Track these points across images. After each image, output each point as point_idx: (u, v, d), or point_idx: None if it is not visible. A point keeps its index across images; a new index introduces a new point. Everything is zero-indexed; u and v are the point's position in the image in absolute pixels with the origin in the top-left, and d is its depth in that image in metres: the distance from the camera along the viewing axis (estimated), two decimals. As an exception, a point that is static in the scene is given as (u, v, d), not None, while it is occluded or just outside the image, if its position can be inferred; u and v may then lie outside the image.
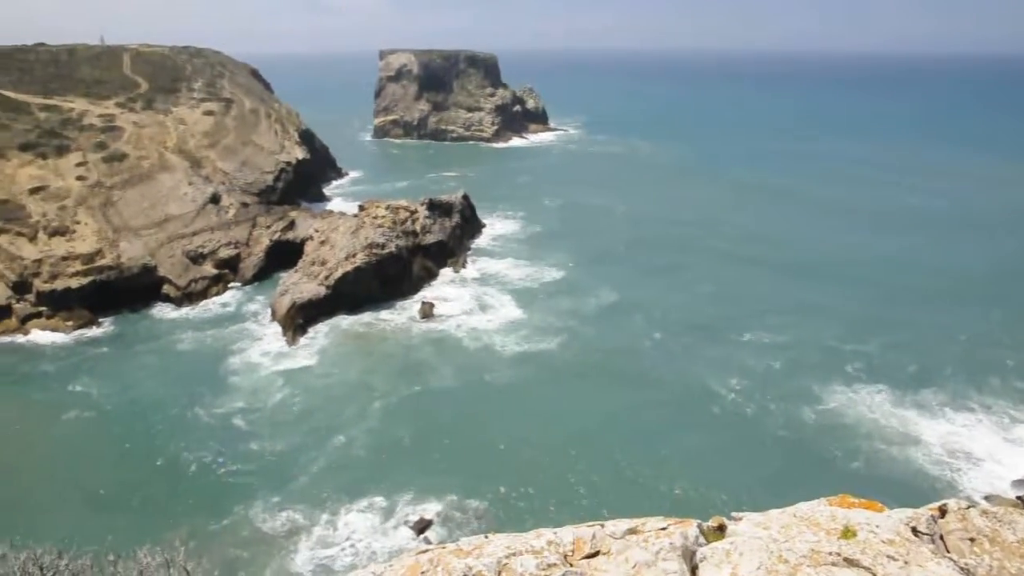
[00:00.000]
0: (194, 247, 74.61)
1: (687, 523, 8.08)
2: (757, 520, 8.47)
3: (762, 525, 8.02)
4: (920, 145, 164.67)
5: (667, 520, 8.11)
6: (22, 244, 68.67)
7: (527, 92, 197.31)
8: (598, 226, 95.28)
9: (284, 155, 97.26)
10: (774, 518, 8.52)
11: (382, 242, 68.91)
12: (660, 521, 7.97)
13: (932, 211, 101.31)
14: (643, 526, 7.82)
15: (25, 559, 8.88)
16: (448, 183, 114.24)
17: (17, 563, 8.83)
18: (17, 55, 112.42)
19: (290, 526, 37.48)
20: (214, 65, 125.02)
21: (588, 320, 64.34)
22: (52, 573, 8.82)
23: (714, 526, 8.43)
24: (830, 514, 8.03)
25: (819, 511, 8.21)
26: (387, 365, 56.35)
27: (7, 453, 44.93)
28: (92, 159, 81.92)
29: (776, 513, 8.73)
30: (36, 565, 8.79)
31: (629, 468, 42.01)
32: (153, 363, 57.96)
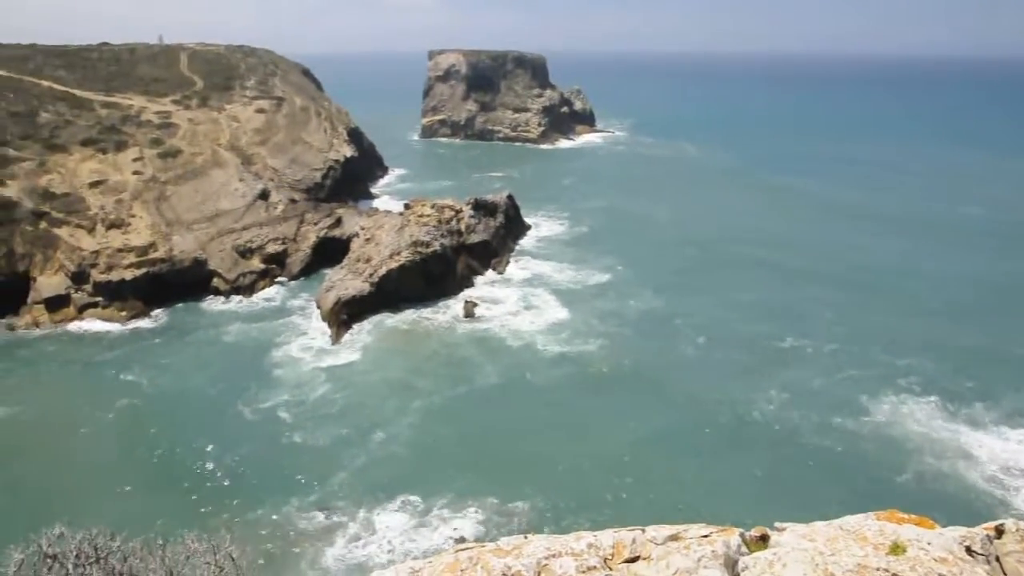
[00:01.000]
0: (243, 242, 76.14)
1: (730, 531, 7.92)
2: (801, 532, 8.28)
3: (807, 537, 7.83)
4: (982, 152, 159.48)
5: (709, 527, 7.95)
6: (81, 236, 70.90)
7: (575, 93, 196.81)
8: (643, 230, 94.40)
9: (332, 153, 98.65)
10: (819, 530, 8.31)
11: (427, 241, 69.37)
12: (702, 528, 7.83)
13: (990, 222, 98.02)
14: (685, 532, 7.69)
15: (81, 539, 9.17)
16: (493, 183, 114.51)
17: (73, 542, 9.13)
18: (83, 54, 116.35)
19: (327, 521, 37.87)
20: (267, 64, 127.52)
21: (632, 324, 63.80)
22: (106, 554, 9.09)
23: (757, 536, 8.26)
24: (878, 529, 7.80)
25: (867, 525, 7.98)
26: (429, 363, 56.67)
27: (60, 437, 46.41)
28: (148, 155, 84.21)
29: (821, 525, 8.51)
30: (91, 545, 9.08)
31: (667, 474, 41.48)
32: (201, 355, 59.29)
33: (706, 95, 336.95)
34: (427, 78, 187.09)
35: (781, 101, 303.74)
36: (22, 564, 8.80)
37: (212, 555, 9.21)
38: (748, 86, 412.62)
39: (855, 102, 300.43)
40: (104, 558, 8.96)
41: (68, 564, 8.78)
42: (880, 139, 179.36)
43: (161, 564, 9.02)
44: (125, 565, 9.01)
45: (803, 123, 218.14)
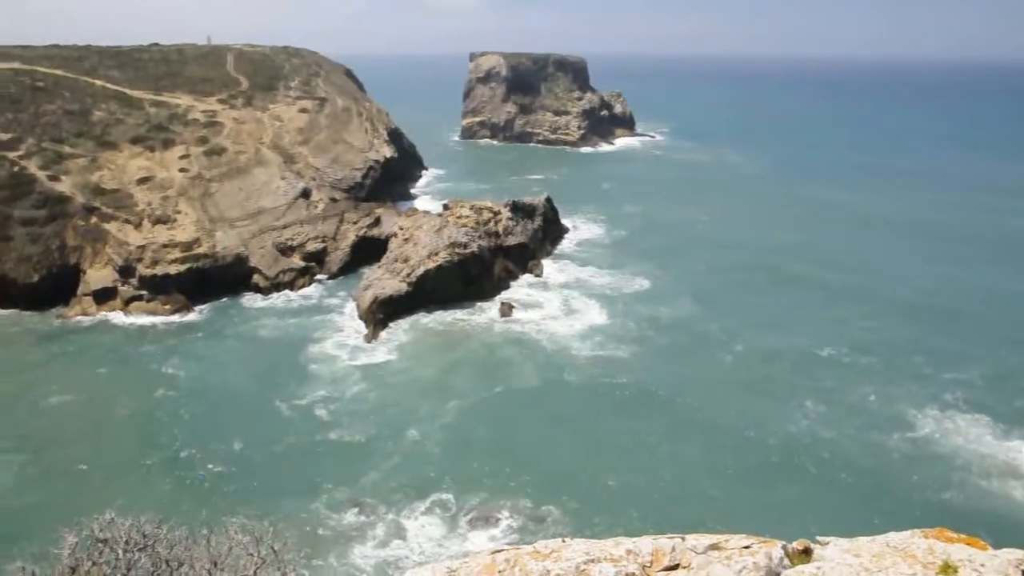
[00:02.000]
0: (284, 239, 77.23)
1: (772, 543, 7.73)
2: (845, 546, 8.07)
3: (852, 552, 7.61)
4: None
5: (751, 538, 7.77)
6: (128, 231, 72.61)
7: (615, 97, 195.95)
8: (681, 237, 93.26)
9: (373, 153, 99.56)
10: (864, 546, 8.08)
11: (465, 242, 69.57)
12: (744, 539, 7.64)
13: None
14: (726, 543, 7.52)
15: (130, 526, 9.39)
16: (532, 186, 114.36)
17: (123, 529, 9.33)
18: (134, 54, 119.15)
19: (359, 519, 38.09)
20: (310, 65, 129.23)
21: (668, 331, 63.16)
22: (153, 541, 9.28)
23: (799, 549, 8.06)
24: (927, 547, 7.53)
25: (914, 543, 7.72)
26: (464, 364, 56.80)
27: (104, 425, 47.55)
28: (194, 152, 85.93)
29: (865, 541, 8.28)
30: (139, 532, 9.27)
31: (699, 483, 40.92)
32: (239, 350, 60.28)
33: (747, 100, 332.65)
34: (467, 80, 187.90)
35: (823, 107, 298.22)
36: (75, 547, 9.03)
37: (255, 546, 9.31)
38: (790, 91, 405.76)
39: (899, 109, 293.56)
40: (151, 545, 9.15)
41: (118, 549, 8.99)
42: (924, 148, 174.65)
43: (205, 554, 9.15)
44: (171, 553, 9.19)
45: (845, 130, 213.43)
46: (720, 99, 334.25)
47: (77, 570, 8.54)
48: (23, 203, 72.52)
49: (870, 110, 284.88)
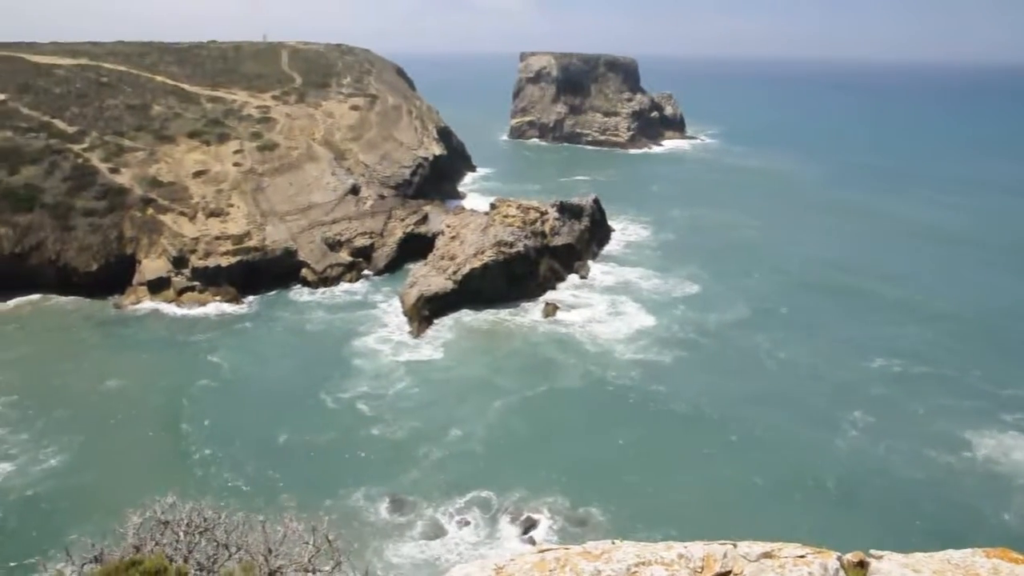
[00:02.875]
0: (332, 235, 78.31)
1: (827, 554, 7.51)
2: (902, 561, 7.81)
3: (910, 567, 7.35)
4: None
5: (805, 548, 7.55)
6: (183, 223, 74.45)
7: (665, 98, 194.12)
8: (731, 242, 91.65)
9: (422, 151, 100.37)
10: (923, 561, 7.81)
11: (511, 241, 69.60)
12: (798, 548, 7.43)
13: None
14: (779, 551, 7.31)
15: (190, 509, 9.61)
16: (579, 187, 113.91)
17: (184, 511, 9.56)
18: (193, 51, 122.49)
19: (397, 514, 38.25)
20: (362, 62, 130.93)
21: (714, 336, 62.16)
22: (212, 525, 9.48)
23: (854, 561, 7.82)
24: (992, 567, 7.24)
25: (977, 562, 7.43)
26: (508, 363, 56.80)
27: (151, 411, 48.83)
28: (248, 147, 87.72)
29: (923, 557, 7.99)
30: (200, 516, 9.48)
31: (745, 492, 40.16)
32: (285, 342, 61.29)
33: (799, 103, 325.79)
34: (517, 79, 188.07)
35: (876, 111, 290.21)
36: (139, 527, 9.28)
37: (310, 535, 9.44)
38: (842, 94, 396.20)
39: (956, 114, 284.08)
40: (210, 529, 9.33)
41: (180, 531, 9.21)
42: (980, 156, 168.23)
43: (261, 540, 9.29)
44: (229, 537, 9.35)
45: (897, 135, 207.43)
46: (772, 102, 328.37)
47: (141, 549, 8.75)
48: (86, 194, 74.97)
49: (925, 115, 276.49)
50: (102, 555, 8.63)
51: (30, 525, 37.33)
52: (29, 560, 34.57)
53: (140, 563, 7.29)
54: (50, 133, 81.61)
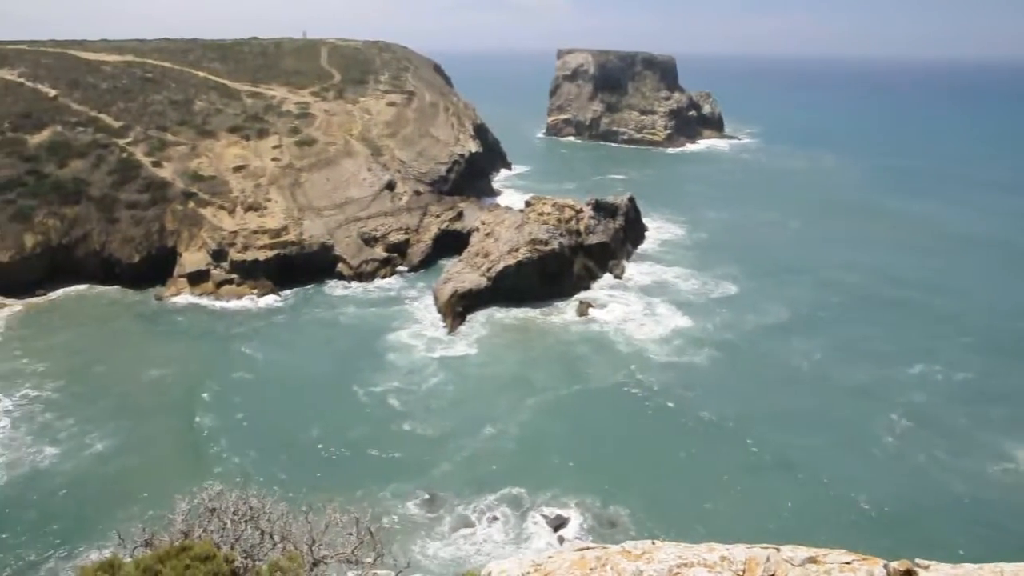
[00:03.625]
0: (368, 230, 78.89)
1: (873, 561, 7.32)
2: (950, 572, 7.61)
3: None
4: None
5: (851, 554, 7.37)
6: (223, 217, 75.63)
7: (704, 97, 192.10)
8: (770, 244, 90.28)
9: (458, 147, 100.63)
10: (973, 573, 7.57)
11: (545, 239, 69.45)
12: (844, 554, 7.25)
13: None
14: (824, 557, 7.14)
15: (237, 498, 9.74)
16: (615, 185, 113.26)
17: (230, 499, 9.70)
18: (235, 47, 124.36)
19: (428, 510, 38.31)
20: (400, 59, 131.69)
21: (749, 338, 61.32)
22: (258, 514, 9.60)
23: (901, 569, 7.63)
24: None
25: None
26: (540, 361, 56.67)
27: (189, 401, 49.71)
28: (286, 143, 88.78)
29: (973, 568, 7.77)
30: (247, 505, 9.60)
31: (779, 500, 39.51)
32: (320, 335, 61.91)
33: (842, 102, 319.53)
34: (554, 77, 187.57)
35: (921, 111, 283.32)
36: (188, 514, 9.44)
37: (354, 527, 9.49)
38: (886, 94, 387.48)
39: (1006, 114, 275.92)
40: (256, 518, 9.43)
41: (227, 519, 9.32)
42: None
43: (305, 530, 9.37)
44: (273, 527, 9.44)
45: (943, 136, 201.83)
46: (812, 101, 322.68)
47: (189, 535, 8.88)
48: (129, 187, 76.56)
49: (968, 115, 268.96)
50: (152, 540, 8.78)
51: (77, 507, 38.35)
52: (77, 539, 35.57)
53: (190, 548, 7.39)
54: (97, 128, 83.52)
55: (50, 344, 58.76)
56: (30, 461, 42.65)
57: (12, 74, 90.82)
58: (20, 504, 38.85)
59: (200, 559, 7.06)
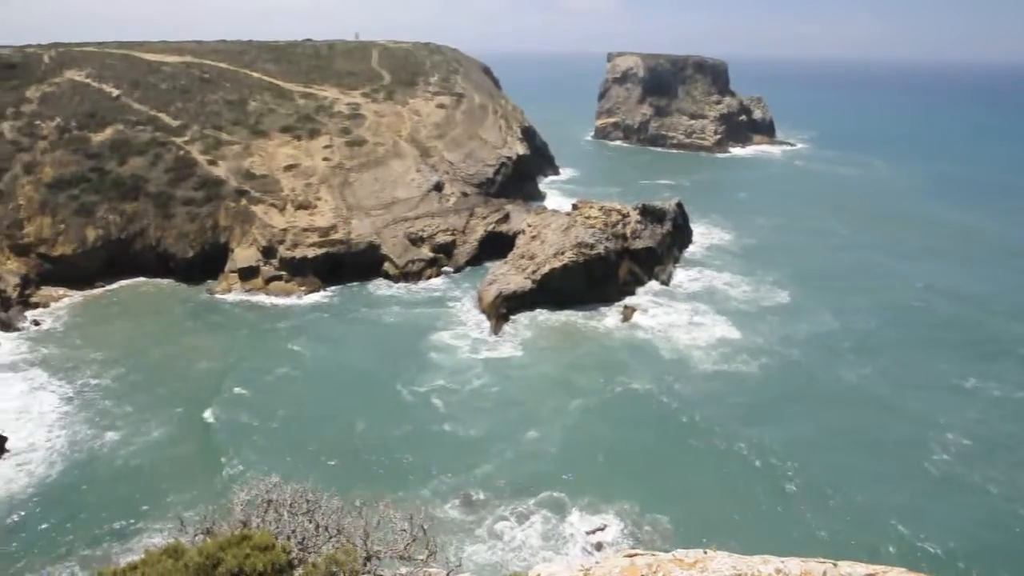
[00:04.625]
0: (415, 230, 79.57)
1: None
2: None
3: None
4: None
5: (912, 573, 7.13)
6: (273, 214, 77.09)
7: (755, 101, 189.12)
8: (820, 251, 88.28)
9: (506, 150, 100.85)
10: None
11: (591, 243, 69.15)
12: (904, 573, 7.03)
13: None
14: (884, 574, 6.93)
15: (294, 491, 9.93)
16: (663, 190, 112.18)
17: (288, 492, 9.89)
18: (288, 49, 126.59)
19: (467, 511, 38.38)
20: (450, 61, 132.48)
21: (799, 347, 60.03)
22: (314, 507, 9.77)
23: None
24: None
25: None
26: (584, 366, 56.41)
27: (231, 394, 50.86)
28: (337, 143, 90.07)
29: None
30: (304, 498, 9.78)
31: (829, 520, 38.55)
32: (364, 333, 62.67)
33: (899, 107, 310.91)
34: (604, 80, 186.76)
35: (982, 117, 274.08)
36: (246, 504, 9.63)
37: (407, 523, 9.57)
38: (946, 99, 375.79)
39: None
40: (312, 511, 9.59)
41: (284, 511, 9.49)
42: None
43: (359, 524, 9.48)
44: (328, 520, 9.57)
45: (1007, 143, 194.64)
46: (867, 106, 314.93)
47: (247, 524, 9.06)
48: (185, 185, 78.61)
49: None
50: (213, 527, 8.99)
51: (134, 491, 39.61)
52: (133, 522, 36.73)
53: (250, 538, 7.56)
54: (156, 126, 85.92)
55: (109, 334, 60.80)
56: (89, 446, 44.19)
57: (80, 75, 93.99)
58: (80, 486, 40.33)
59: (259, 549, 7.21)
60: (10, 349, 57.79)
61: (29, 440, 44.50)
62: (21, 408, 48.42)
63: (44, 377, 53.16)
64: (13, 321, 62.03)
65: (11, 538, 35.93)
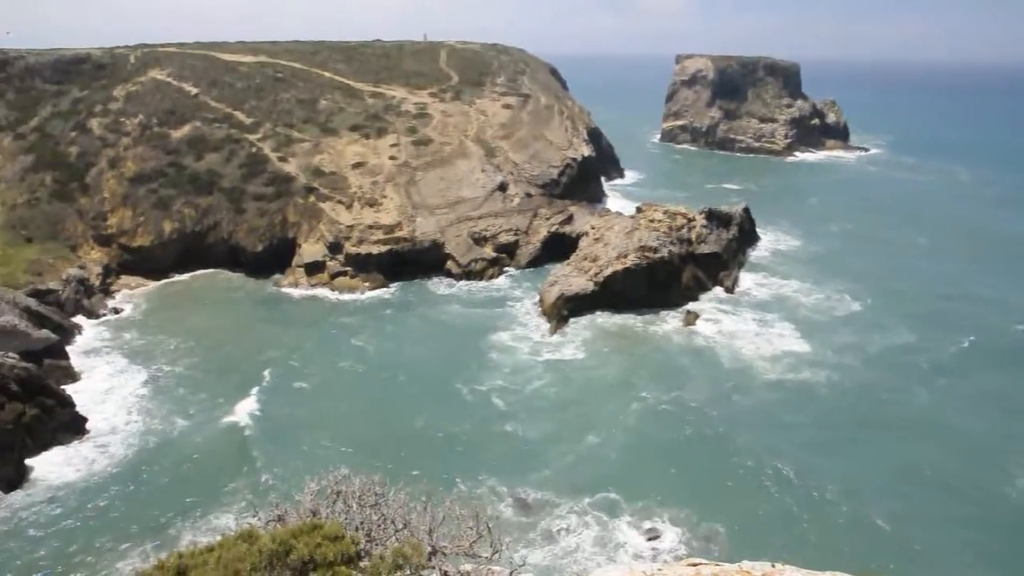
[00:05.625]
0: (478, 230, 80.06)
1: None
2: None
3: None
4: None
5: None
6: (340, 211, 78.68)
7: (828, 105, 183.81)
8: (895, 262, 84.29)
9: (571, 151, 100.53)
10: None
11: (655, 246, 68.32)
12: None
13: None
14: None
15: (363, 483, 10.08)
16: (730, 195, 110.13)
17: (357, 483, 10.05)
18: (359, 49, 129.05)
19: (522, 513, 38.22)
20: (517, 62, 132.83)
21: (871, 361, 57.67)
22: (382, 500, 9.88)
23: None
24: None
25: None
26: (644, 370, 55.72)
27: (298, 387, 52.09)
28: (403, 142, 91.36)
29: None
30: (372, 491, 9.92)
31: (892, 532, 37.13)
32: (426, 330, 63.32)
33: (986, 113, 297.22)
34: (672, 82, 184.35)
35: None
36: (316, 495, 9.81)
37: (474, 520, 9.59)
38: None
39: None
40: (380, 504, 9.69)
41: (352, 503, 9.62)
42: None
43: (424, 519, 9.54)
44: (397, 513, 9.67)
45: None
46: (948, 109, 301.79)
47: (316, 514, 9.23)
48: (256, 181, 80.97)
49: None
50: (285, 515, 9.20)
51: (205, 476, 41.08)
52: (204, 505, 38.12)
53: (321, 527, 7.70)
54: (231, 124, 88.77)
55: (183, 323, 63.21)
56: (162, 430, 45.96)
57: (162, 74, 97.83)
58: (153, 468, 41.99)
59: (330, 539, 7.33)
60: (93, 335, 60.64)
61: (110, 423, 46.65)
62: (105, 391, 50.93)
63: (124, 362, 55.62)
64: (95, 308, 64.97)
65: (92, 517, 37.66)
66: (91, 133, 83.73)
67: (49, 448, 43.21)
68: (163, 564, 7.33)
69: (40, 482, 40.51)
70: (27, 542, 35.66)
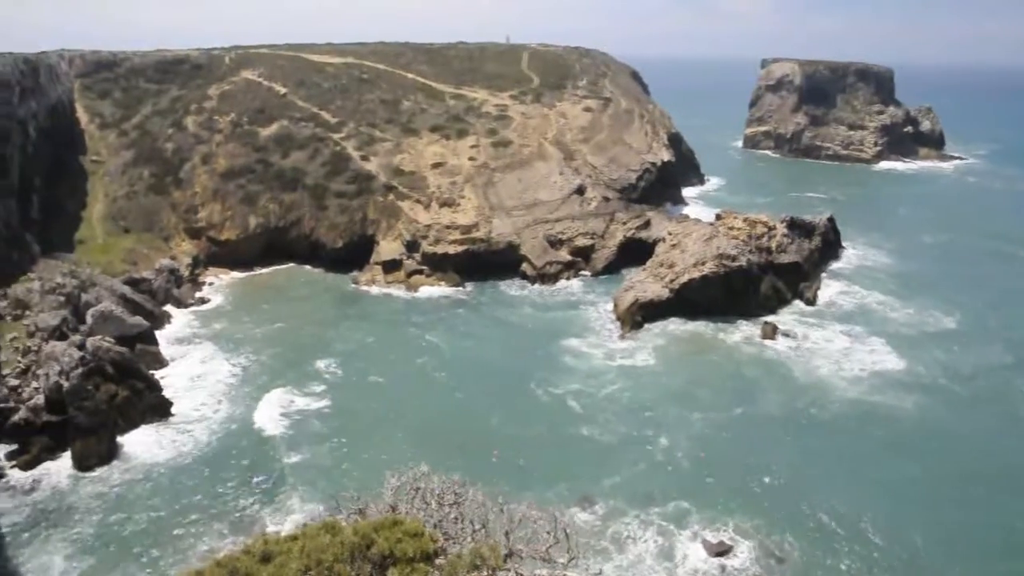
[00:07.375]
0: (554, 232, 79.98)
1: None
2: None
3: None
4: None
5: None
6: (419, 211, 79.92)
7: (923, 112, 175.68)
8: (994, 277, 79.93)
9: (650, 156, 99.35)
10: None
11: (734, 255, 66.76)
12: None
13: None
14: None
15: (442, 482, 10.20)
16: (814, 204, 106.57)
17: (436, 482, 10.18)
18: (442, 51, 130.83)
19: (590, 518, 37.95)
20: (599, 65, 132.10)
21: (964, 384, 54.45)
22: (461, 499, 9.97)
23: None
24: None
25: None
26: (719, 380, 54.50)
27: (373, 382, 53.13)
28: (483, 143, 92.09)
29: None
30: (452, 490, 10.03)
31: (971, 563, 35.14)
32: (500, 331, 63.66)
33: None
34: (756, 87, 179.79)
35: None
36: (396, 490, 9.99)
37: (551, 524, 9.58)
38: None
39: None
40: (459, 503, 9.79)
41: (431, 501, 9.76)
42: None
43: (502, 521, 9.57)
44: (475, 513, 9.74)
45: None
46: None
47: (396, 510, 9.38)
48: (339, 178, 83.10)
49: None
50: (366, 509, 9.39)
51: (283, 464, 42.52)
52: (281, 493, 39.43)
53: (401, 523, 7.81)
54: (316, 123, 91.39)
55: (266, 315, 65.61)
56: (243, 417, 47.71)
57: (253, 74, 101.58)
58: (232, 452, 43.65)
59: (410, 534, 7.43)
60: (183, 323, 63.47)
61: (197, 409, 48.71)
62: (194, 377, 53.24)
63: (212, 350, 58.07)
64: (184, 298, 67.93)
65: (178, 496, 39.50)
66: (186, 130, 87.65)
67: (137, 428, 45.53)
68: (250, 548, 7.56)
69: (132, 459, 42.83)
70: (123, 513, 37.82)
